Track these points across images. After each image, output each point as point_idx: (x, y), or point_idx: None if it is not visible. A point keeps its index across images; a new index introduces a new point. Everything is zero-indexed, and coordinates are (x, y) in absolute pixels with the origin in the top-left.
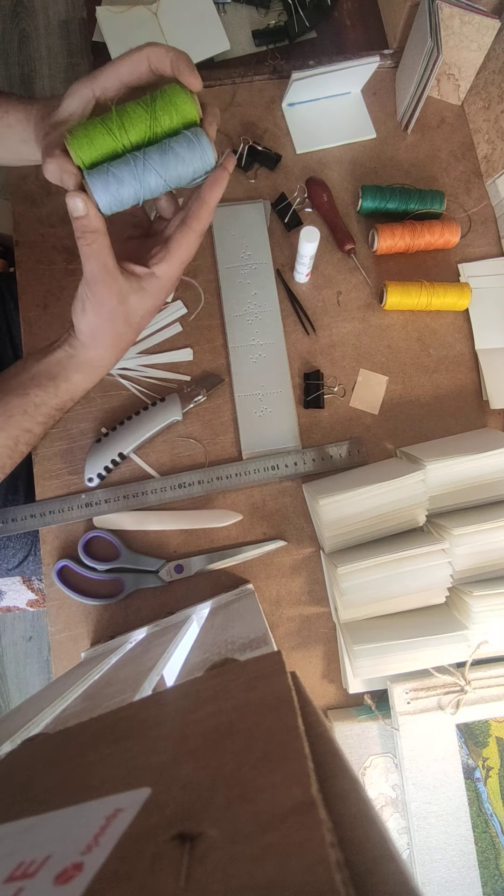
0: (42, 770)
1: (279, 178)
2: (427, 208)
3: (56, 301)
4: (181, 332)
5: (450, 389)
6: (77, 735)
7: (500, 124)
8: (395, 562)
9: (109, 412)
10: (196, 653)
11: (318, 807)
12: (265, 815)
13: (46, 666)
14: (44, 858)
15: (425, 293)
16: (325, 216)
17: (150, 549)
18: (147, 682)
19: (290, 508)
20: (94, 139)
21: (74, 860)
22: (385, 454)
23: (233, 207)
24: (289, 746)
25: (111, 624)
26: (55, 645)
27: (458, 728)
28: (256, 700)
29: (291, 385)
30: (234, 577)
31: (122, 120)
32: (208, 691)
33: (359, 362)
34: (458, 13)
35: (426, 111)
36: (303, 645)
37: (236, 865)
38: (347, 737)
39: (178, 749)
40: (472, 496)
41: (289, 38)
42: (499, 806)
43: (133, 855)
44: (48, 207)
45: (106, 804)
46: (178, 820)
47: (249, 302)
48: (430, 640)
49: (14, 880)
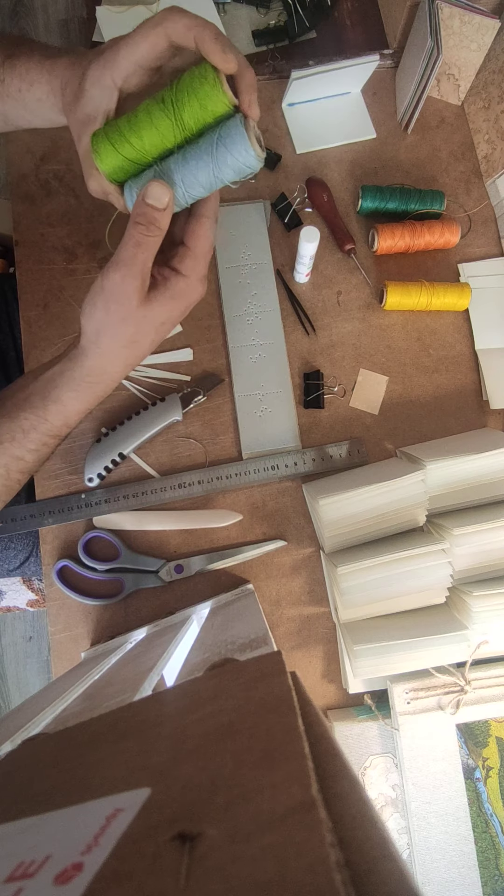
0: (42, 770)
1: (279, 178)
2: (427, 208)
3: (56, 301)
4: (181, 333)
5: (450, 389)
6: (77, 735)
7: (500, 124)
8: (395, 562)
9: (109, 412)
10: (196, 653)
11: (318, 807)
12: (265, 815)
13: (46, 666)
14: (44, 858)
15: (425, 293)
16: (325, 216)
17: (150, 549)
18: (147, 682)
19: (290, 508)
20: (121, 149)
21: (74, 860)
22: (385, 454)
23: (233, 207)
24: (289, 746)
25: (111, 624)
26: (55, 645)
27: (458, 728)
28: (256, 700)
29: (291, 385)
30: (234, 577)
31: (144, 127)
32: (208, 691)
33: (359, 362)
34: (458, 13)
35: (426, 111)
36: (303, 645)
37: (236, 865)
38: (347, 737)
39: (177, 749)
40: (472, 496)
41: (289, 38)
42: (499, 806)
43: (133, 855)
44: (48, 207)
45: (106, 804)
46: (178, 820)
47: (249, 302)
48: (430, 640)
49: (14, 880)
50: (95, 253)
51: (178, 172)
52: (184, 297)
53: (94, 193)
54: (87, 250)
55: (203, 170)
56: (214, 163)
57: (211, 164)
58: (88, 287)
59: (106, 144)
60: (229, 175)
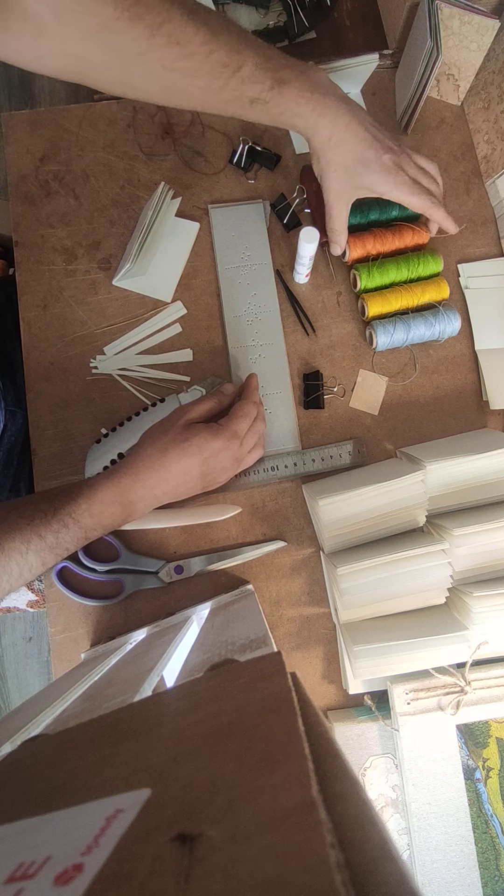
0: (42, 771)
1: (279, 178)
2: (408, 213)
3: (56, 302)
4: (181, 333)
5: (450, 389)
6: (77, 736)
7: (499, 124)
8: (394, 562)
9: (109, 413)
10: (196, 653)
11: (319, 807)
12: (265, 816)
13: (46, 667)
14: (44, 859)
15: (404, 296)
16: (310, 204)
17: (150, 549)
18: (147, 682)
19: (290, 509)
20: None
21: (74, 861)
22: (385, 454)
23: (232, 208)
24: (289, 747)
25: (111, 625)
26: (55, 646)
27: (458, 729)
28: (256, 701)
29: (291, 386)
30: (234, 578)
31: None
32: (208, 692)
33: (358, 363)
34: (457, 13)
35: (426, 111)
36: (303, 645)
37: (236, 866)
38: (347, 737)
39: (178, 750)
40: (472, 496)
41: (288, 38)
42: (499, 806)
43: (133, 856)
44: (48, 208)
45: (106, 805)
46: (179, 821)
47: (249, 303)
48: (430, 640)
49: (14, 881)
50: (95, 254)
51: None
52: (203, 443)
53: (334, 232)
54: (86, 251)
55: (421, 330)
56: (430, 328)
57: (428, 329)
58: (88, 288)
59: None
60: (433, 335)
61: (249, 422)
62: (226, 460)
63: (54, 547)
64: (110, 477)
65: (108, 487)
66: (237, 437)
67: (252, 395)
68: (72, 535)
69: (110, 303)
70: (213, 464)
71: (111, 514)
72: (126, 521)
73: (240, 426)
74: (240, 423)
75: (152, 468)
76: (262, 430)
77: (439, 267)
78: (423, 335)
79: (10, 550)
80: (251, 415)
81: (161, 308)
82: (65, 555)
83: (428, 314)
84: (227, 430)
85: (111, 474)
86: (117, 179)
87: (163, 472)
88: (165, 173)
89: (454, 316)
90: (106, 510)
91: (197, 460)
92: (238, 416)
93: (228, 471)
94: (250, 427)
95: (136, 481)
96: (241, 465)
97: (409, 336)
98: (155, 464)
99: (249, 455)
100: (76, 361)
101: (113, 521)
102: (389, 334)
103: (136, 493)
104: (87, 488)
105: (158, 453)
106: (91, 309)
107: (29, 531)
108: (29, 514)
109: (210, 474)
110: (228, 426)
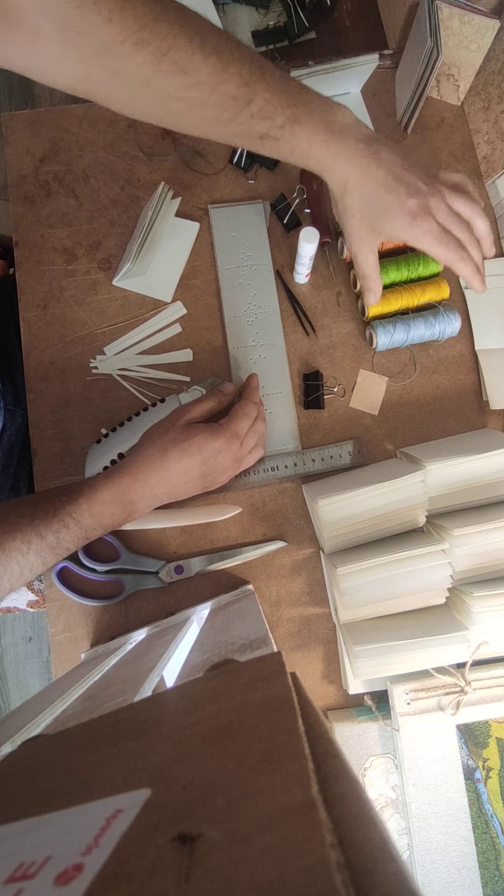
0: (42, 771)
1: (279, 178)
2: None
3: (56, 302)
4: (181, 333)
5: (450, 389)
6: (77, 736)
7: (499, 125)
8: (394, 562)
9: (109, 413)
10: (196, 653)
11: (319, 808)
12: (265, 816)
13: (46, 667)
14: (44, 859)
15: (404, 296)
16: (310, 204)
17: (150, 550)
18: (147, 682)
19: (290, 509)
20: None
21: (74, 861)
22: (385, 455)
23: (232, 208)
24: (289, 747)
25: (111, 625)
26: (55, 646)
27: (458, 729)
28: (257, 701)
29: (291, 386)
30: (234, 578)
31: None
32: (208, 692)
33: (358, 363)
34: (457, 13)
35: (426, 111)
36: (303, 646)
37: (236, 866)
38: (347, 737)
39: (178, 750)
40: (472, 496)
41: (288, 38)
42: (499, 807)
43: (133, 856)
44: (48, 208)
45: (106, 805)
46: (179, 821)
47: (249, 303)
48: (430, 640)
49: (14, 881)
50: (95, 254)
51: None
52: (202, 441)
53: (367, 279)
54: (86, 251)
55: (421, 329)
56: (430, 327)
57: (428, 328)
58: (88, 288)
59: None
60: (433, 335)
61: (250, 422)
62: (226, 460)
63: (55, 546)
64: (110, 477)
65: (108, 487)
66: (237, 437)
67: (252, 395)
68: (72, 535)
69: (110, 303)
70: (214, 464)
71: (111, 514)
72: (126, 520)
73: (240, 426)
74: (240, 423)
75: (152, 468)
76: (262, 431)
77: (439, 267)
78: (423, 335)
79: (11, 550)
80: (251, 415)
81: (161, 308)
82: (65, 554)
83: (428, 314)
84: (227, 430)
85: (111, 474)
86: (117, 179)
87: (163, 472)
88: (165, 173)
89: (454, 316)
90: (106, 510)
91: (197, 460)
92: (238, 416)
93: (228, 471)
94: (251, 427)
95: (136, 481)
96: (241, 465)
97: (409, 336)
98: (155, 464)
99: (250, 455)
100: (76, 361)
101: (113, 520)
102: (389, 334)
103: (136, 492)
104: (87, 488)
105: (158, 453)
106: (91, 309)
107: (30, 531)
108: (30, 513)
109: (210, 474)
110: (229, 426)
